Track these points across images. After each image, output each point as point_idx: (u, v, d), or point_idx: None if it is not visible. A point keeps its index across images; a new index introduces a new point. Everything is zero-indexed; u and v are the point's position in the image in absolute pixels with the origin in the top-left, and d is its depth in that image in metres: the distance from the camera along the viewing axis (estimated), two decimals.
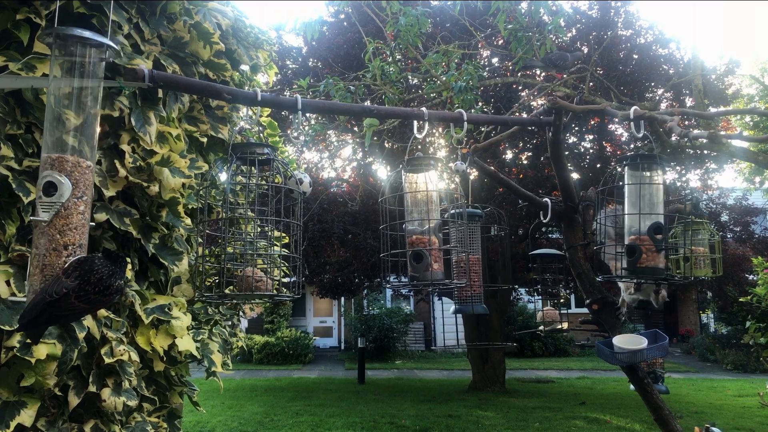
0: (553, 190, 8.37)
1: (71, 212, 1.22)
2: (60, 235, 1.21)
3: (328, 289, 12.84)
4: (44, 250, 1.21)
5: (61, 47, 1.25)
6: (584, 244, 2.56)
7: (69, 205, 1.22)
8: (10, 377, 1.60)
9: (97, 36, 1.25)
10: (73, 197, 1.22)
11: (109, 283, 1.23)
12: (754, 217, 13.01)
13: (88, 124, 1.27)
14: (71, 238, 1.22)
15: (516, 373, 13.92)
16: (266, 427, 7.95)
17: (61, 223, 1.22)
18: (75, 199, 1.23)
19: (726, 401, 10.38)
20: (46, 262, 1.21)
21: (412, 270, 1.85)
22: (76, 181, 1.23)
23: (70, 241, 1.21)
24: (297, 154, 9.47)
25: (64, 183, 1.22)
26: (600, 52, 7.60)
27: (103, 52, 1.29)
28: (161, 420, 2.03)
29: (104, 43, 1.27)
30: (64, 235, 1.21)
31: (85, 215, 1.25)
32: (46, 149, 1.24)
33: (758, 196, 14.28)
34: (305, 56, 9.61)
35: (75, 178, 1.23)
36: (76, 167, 1.24)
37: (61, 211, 1.22)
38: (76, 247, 1.22)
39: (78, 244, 1.23)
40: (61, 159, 1.23)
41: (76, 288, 1.17)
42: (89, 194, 1.26)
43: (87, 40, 1.25)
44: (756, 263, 5.80)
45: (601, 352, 2.41)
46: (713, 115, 5.64)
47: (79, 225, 1.23)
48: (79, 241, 1.23)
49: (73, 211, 1.23)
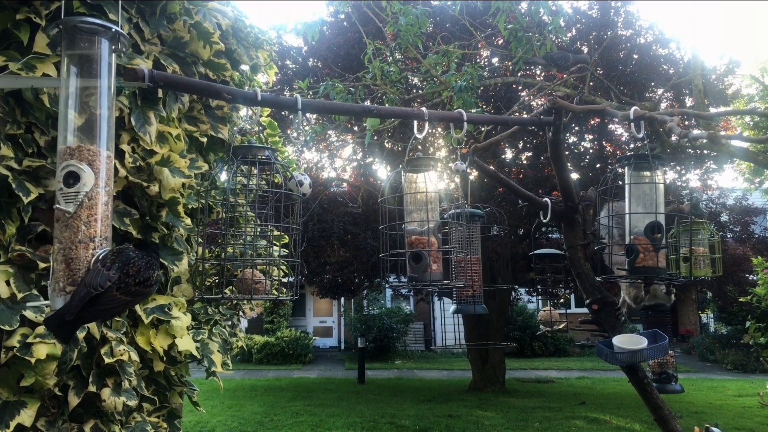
0: (553, 190, 8.37)
1: (96, 202, 1.17)
2: (86, 226, 1.16)
3: (328, 289, 12.84)
4: (69, 243, 1.15)
5: (69, 39, 1.22)
6: (584, 244, 2.56)
7: (93, 195, 1.17)
8: (10, 377, 1.60)
9: (106, 23, 1.24)
10: (96, 187, 1.17)
11: (148, 275, 1.19)
12: (754, 217, 13.01)
13: (104, 116, 1.22)
14: (97, 230, 1.17)
15: (516, 373, 13.91)
16: (266, 427, 7.95)
17: (86, 213, 1.16)
18: (98, 189, 1.18)
19: (726, 401, 10.38)
20: (72, 256, 1.15)
21: (411, 270, 1.85)
22: (98, 170, 1.18)
23: (96, 233, 1.16)
24: (297, 154, 9.47)
25: (86, 172, 1.17)
26: (600, 52, 7.60)
27: (115, 41, 1.26)
28: (161, 420, 2.03)
29: (113, 29, 1.23)
30: (90, 226, 1.16)
31: (109, 206, 1.20)
32: (63, 141, 1.19)
33: (758, 196, 14.27)
34: (305, 56, 9.61)
35: (97, 167, 1.18)
36: (96, 156, 1.19)
37: (86, 201, 1.16)
38: (103, 239, 1.17)
39: (104, 236, 1.18)
40: (81, 148, 1.18)
41: (117, 280, 1.12)
42: (111, 185, 1.21)
43: (96, 29, 1.22)
44: (756, 263, 5.80)
45: (601, 352, 2.41)
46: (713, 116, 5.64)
47: (104, 216, 1.18)
48: (105, 233, 1.18)
49: (98, 201, 1.17)
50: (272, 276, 1.90)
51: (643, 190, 1.88)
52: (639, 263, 1.85)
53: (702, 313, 19.37)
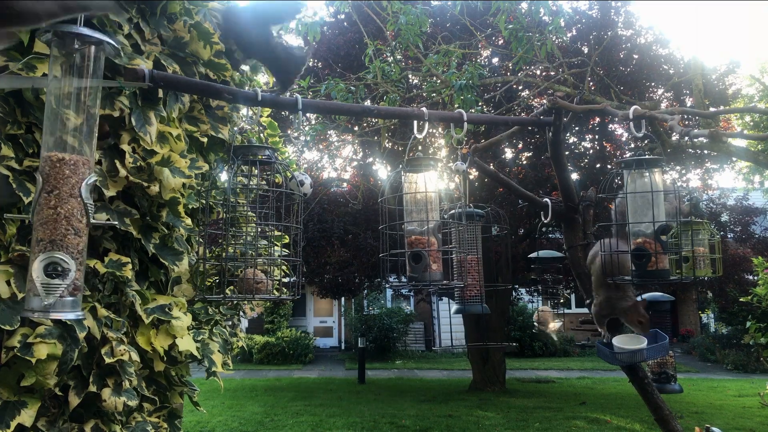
0: (554, 190, 8.37)
1: (42, 208, 1.23)
2: (35, 231, 1.23)
3: (329, 289, 12.84)
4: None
5: (60, 45, 1.25)
6: (584, 244, 2.55)
7: (41, 201, 1.23)
8: (10, 377, 1.60)
9: (95, 33, 1.25)
10: (43, 192, 1.23)
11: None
12: (754, 218, 13.01)
13: (82, 120, 1.27)
14: (41, 234, 1.22)
15: (516, 373, 13.91)
16: (266, 427, 7.95)
17: (35, 219, 1.23)
18: (45, 194, 1.23)
19: (726, 401, 10.38)
20: (30, 260, 1.23)
21: (411, 270, 1.85)
22: (47, 176, 1.23)
23: (40, 237, 1.22)
24: (297, 154, 9.47)
25: (38, 178, 1.24)
26: (600, 52, 7.60)
27: (101, 49, 1.28)
28: (161, 420, 2.03)
29: (102, 40, 1.26)
30: (37, 231, 1.22)
31: (57, 210, 1.23)
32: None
33: (758, 196, 14.27)
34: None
35: (45, 172, 1.24)
36: (47, 162, 1.24)
37: (36, 207, 1.23)
38: (47, 243, 1.22)
39: (48, 239, 1.22)
40: (42, 156, 1.25)
41: None
42: (65, 189, 1.25)
43: (85, 37, 1.24)
44: (756, 263, 5.80)
45: (601, 352, 2.41)
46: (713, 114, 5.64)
47: (49, 220, 1.23)
48: (49, 236, 1.23)
49: (44, 206, 1.23)
50: (273, 276, 1.90)
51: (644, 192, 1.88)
52: (651, 267, 1.85)
53: (702, 314, 19.36)
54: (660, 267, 1.85)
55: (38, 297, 1.21)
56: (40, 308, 1.21)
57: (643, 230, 1.87)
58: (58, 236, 1.23)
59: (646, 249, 1.85)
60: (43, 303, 1.21)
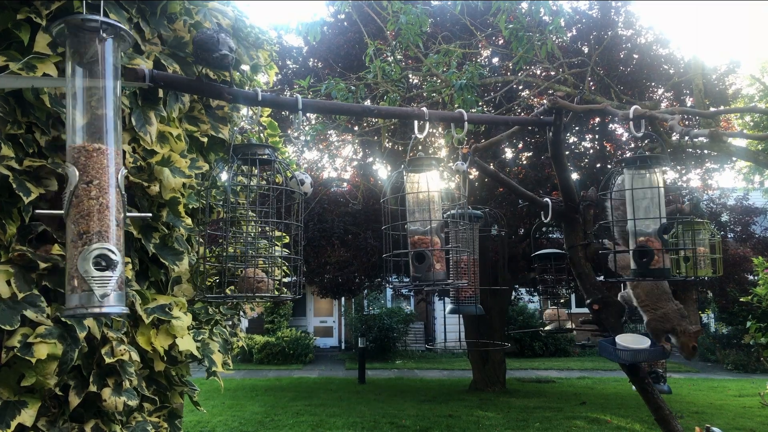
0: (554, 190, 8.37)
1: (81, 199, 1.18)
2: (75, 224, 1.17)
3: (329, 289, 12.84)
4: (67, 240, 1.19)
5: (74, 37, 1.23)
6: (585, 244, 2.55)
7: (79, 193, 1.18)
8: (10, 377, 1.60)
9: (108, 19, 1.24)
10: (81, 183, 1.18)
11: None
12: (754, 217, 13.00)
13: (94, 108, 1.24)
14: (84, 227, 1.17)
15: (516, 373, 13.91)
16: (267, 426, 7.95)
17: (74, 212, 1.17)
18: (84, 185, 1.18)
19: (727, 401, 10.38)
20: (67, 257, 1.17)
21: (415, 270, 1.85)
22: (84, 166, 1.19)
23: (84, 230, 1.17)
24: (297, 154, 9.47)
25: (70, 171, 1.18)
26: (600, 52, 7.60)
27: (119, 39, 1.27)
28: (162, 420, 2.03)
29: (117, 26, 1.24)
30: (78, 224, 1.17)
31: (100, 200, 1.19)
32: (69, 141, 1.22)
33: (758, 196, 14.26)
34: (305, 56, 9.62)
35: (81, 163, 1.19)
36: (81, 152, 1.19)
37: (73, 200, 1.17)
38: (92, 235, 1.17)
39: (94, 231, 1.18)
40: (71, 147, 1.20)
41: None
42: (104, 179, 1.20)
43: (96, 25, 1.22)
44: (756, 263, 5.79)
45: (603, 349, 2.41)
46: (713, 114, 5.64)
47: (92, 211, 1.18)
48: (95, 228, 1.18)
49: (84, 197, 1.18)
50: (274, 275, 1.90)
51: (647, 192, 1.88)
52: (654, 265, 1.85)
53: (703, 313, 19.34)
54: (660, 266, 1.85)
55: (85, 292, 1.15)
56: (86, 304, 1.16)
57: (643, 229, 1.87)
58: (104, 227, 1.18)
59: (649, 247, 1.85)
60: (96, 297, 1.15)
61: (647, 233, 1.87)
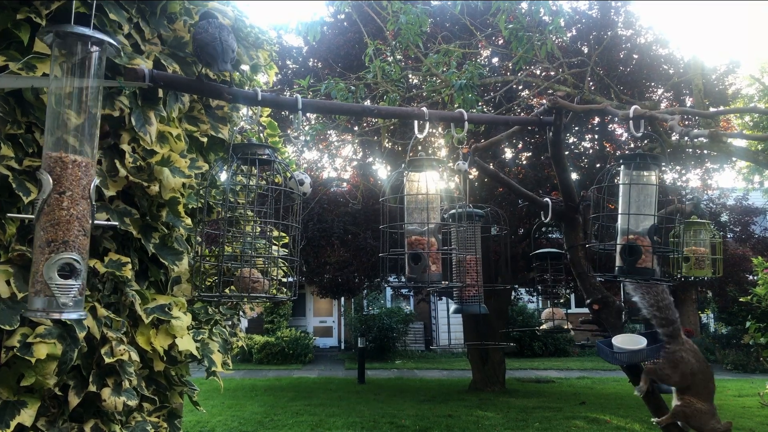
0: (554, 190, 8.37)
1: (53, 208, 1.22)
2: (43, 231, 1.22)
3: (328, 289, 12.84)
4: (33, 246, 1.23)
5: (61, 45, 1.25)
6: (585, 244, 2.55)
7: (51, 202, 1.22)
8: (10, 377, 1.60)
9: (97, 33, 1.25)
10: (54, 192, 1.22)
11: None
12: (754, 218, 13.01)
13: (83, 121, 1.26)
14: (53, 235, 1.22)
15: (516, 373, 13.91)
16: (266, 426, 7.95)
17: (44, 219, 1.22)
18: (56, 195, 1.22)
19: (726, 401, 10.38)
20: (33, 260, 1.22)
21: (410, 271, 1.85)
22: (58, 176, 1.22)
23: (52, 238, 1.22)
24: (297, 154, 9.47)
25: (44, 179, 1.22)
26: (600, 52, 7.59)
27: (104, 50, 1.29)
28: (161, 420, 2.03)
29: (104, 40, 1.26)
30: (46, 231, 1.22)
31: (70, 211, 1.23)
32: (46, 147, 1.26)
33: (758, 196, 14.26)
34: (305, 56, 9.62)
35: (57, 173, 1.22)
36: (57, 163, 1.23)
37: (44, 208, 1.22)
38: (60, 244, 1.22)
39: (61, 240, 1.22)
40: (48, 156, 1.24)
41: None
42: (77, 191, 1.25)
43: (86, 37, 1.24)
44: (756, 263, 5.79)
45: (601, 351, 2.41)
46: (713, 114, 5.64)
47: (62, 221, 1.22)
48: (63, 237, 1.22)
49: (55, 207, 1.22)
50: (271, 276, 1.90)
51: (640, 190, 1.88)
52: (641, 264, 1.85)
53: (702, 314, 19.36)
54: (648, 265, 1.85)
55: (47, 297, 1.20)
56: (47, 308, 1.21)
57: (633, 228, 1.87)
58: (72, 237, 1.23)
59: (636, 244, 1.85)
60: (57, 303, 1.20)
61: (637, 232, 1.87)
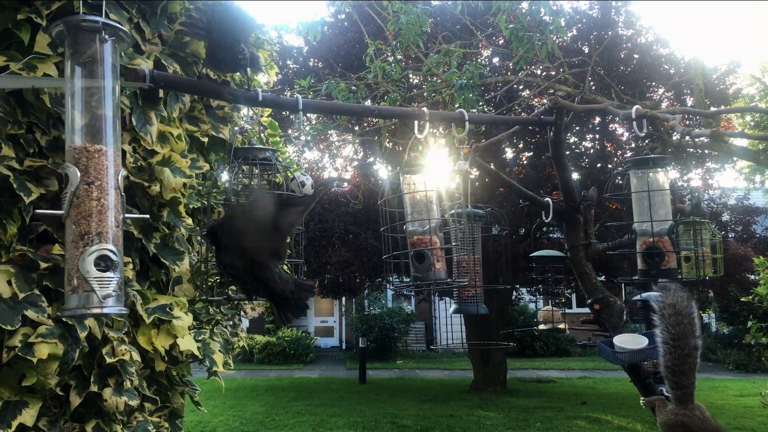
0: (554, 189, 8.37)
1: (83, 200, 1.18)
2: (75, 225, 1.17)
3: (330, 289, 12.83)
4: (66, 242, 1.19)
5: (71, 39, 1.23)
6: (586, 243, 2.55)
7: (80, 193, 1.18)
8: (11, 377, 1.60)
9: (107, 20, 1.24)
10: (82, 183, 1.18)
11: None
12: (755, 217, 12.99)
13: (93, 109, 1.24)
14: (85, 227, 1.18)
15: (517, 372, 13.90)
16: (267, 426, 7.95)
17: (74, 213, 1.17)
18: (85, 186, 1.18)
19: (728, 401, 10.37)
20: (66, 255, 1.17)
21: (415, 270, 1.85)
22: (85, 166, 1.19)
23: (85, 230, 1.18)
24: (298, 154, 9.48)
25: (70, 171, 1.18)
26: (601, 52, 7.59)
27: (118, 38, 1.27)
28: (163, 420, 2.03)
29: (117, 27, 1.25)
30: (79, 224, 1.17)
31: (101, 201, 1.20)
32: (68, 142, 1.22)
33: (759, 195, 14.25)
34: (306, 56, 9.62)
35: (83, 164, 1.19)
36: (82, 153, 1.19)
37: (74, 200, 1.17)
38: (93, 236, 1.18)
39: (95, 232, 1.18)
40: (71, 148, 1.21)
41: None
42: (105, 180, 1.21)
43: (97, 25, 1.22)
44: (757, 263, 5.79)
45: (602, 351, 2.40)
46: (714, 114, 5.64)
47: (94, 212, 1.18)
48: (96, 229, 1.18)
49: (85, 198, 1.18)
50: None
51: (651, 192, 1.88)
52: (665, 266, 1.85)
53: (704, 313, 19.34)
54: (672, 266, 1.85)
55: (86, 293, 1.16)
56: (87, 304, 1.17)
57: (647, 230, 1.87)
58: (105, 228, 1.19)
59: (659, 248, 1.85)
60: (97, 298, 1.16)
61: (657, 233, 1.87)
